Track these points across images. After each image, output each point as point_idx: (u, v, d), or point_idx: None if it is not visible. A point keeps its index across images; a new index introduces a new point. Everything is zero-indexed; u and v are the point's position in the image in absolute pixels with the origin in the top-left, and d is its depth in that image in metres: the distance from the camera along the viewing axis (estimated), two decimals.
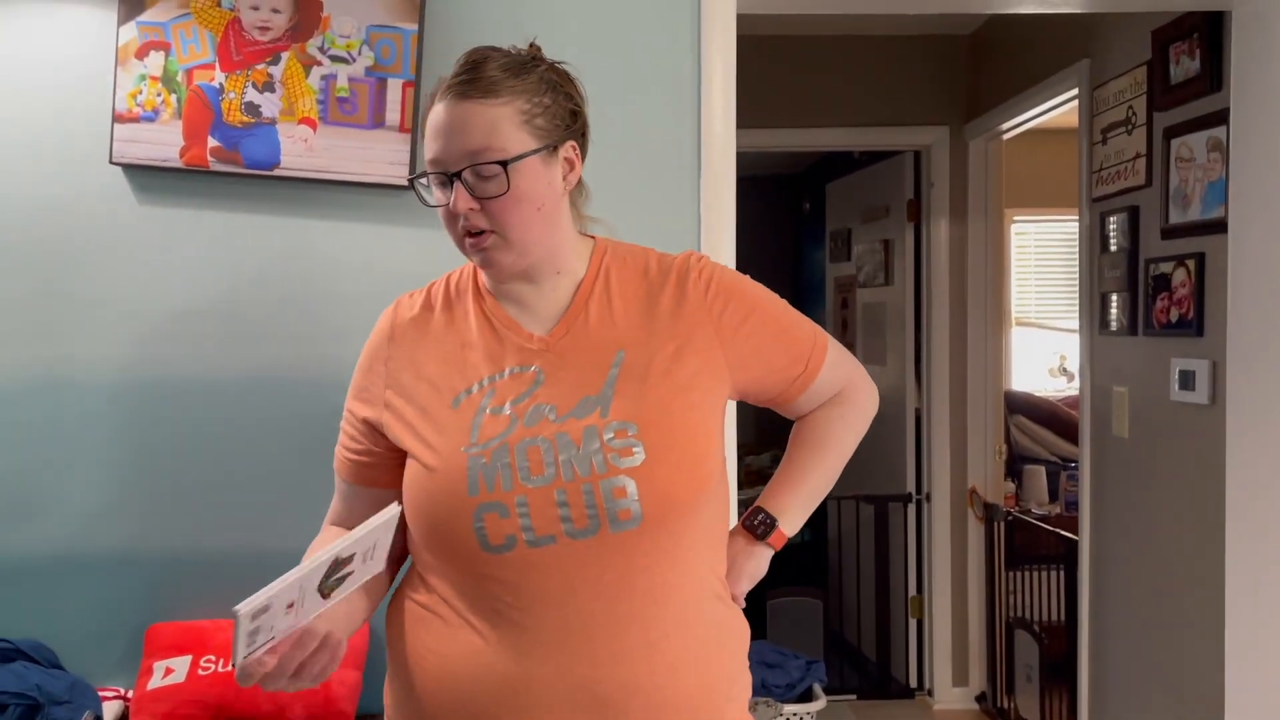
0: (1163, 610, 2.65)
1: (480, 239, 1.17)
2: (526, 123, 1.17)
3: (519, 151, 1.16)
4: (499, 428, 1.16)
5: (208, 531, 1.91)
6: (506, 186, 1.15)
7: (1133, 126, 2.74)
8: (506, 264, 1.19)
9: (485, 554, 1.13)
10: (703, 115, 1.98)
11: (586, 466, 1.14)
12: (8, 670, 1.78)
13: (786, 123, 3.94)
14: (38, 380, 1.90)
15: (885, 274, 4.32)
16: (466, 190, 1.15)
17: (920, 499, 4.10)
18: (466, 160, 1.15)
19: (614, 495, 1.12)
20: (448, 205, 1.17)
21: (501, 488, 1.13)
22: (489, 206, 1.16)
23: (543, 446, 1.15)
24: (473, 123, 1.15)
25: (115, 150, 1.88)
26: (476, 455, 1.15)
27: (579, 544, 1.12)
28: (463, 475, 1.14)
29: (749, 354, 1.25)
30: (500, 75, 1.17)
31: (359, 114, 1.91)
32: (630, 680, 1.12)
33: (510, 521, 1.12)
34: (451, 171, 1.16)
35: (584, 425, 1.16)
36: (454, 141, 1.15)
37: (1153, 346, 2.66)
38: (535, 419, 1.17)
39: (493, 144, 1.15)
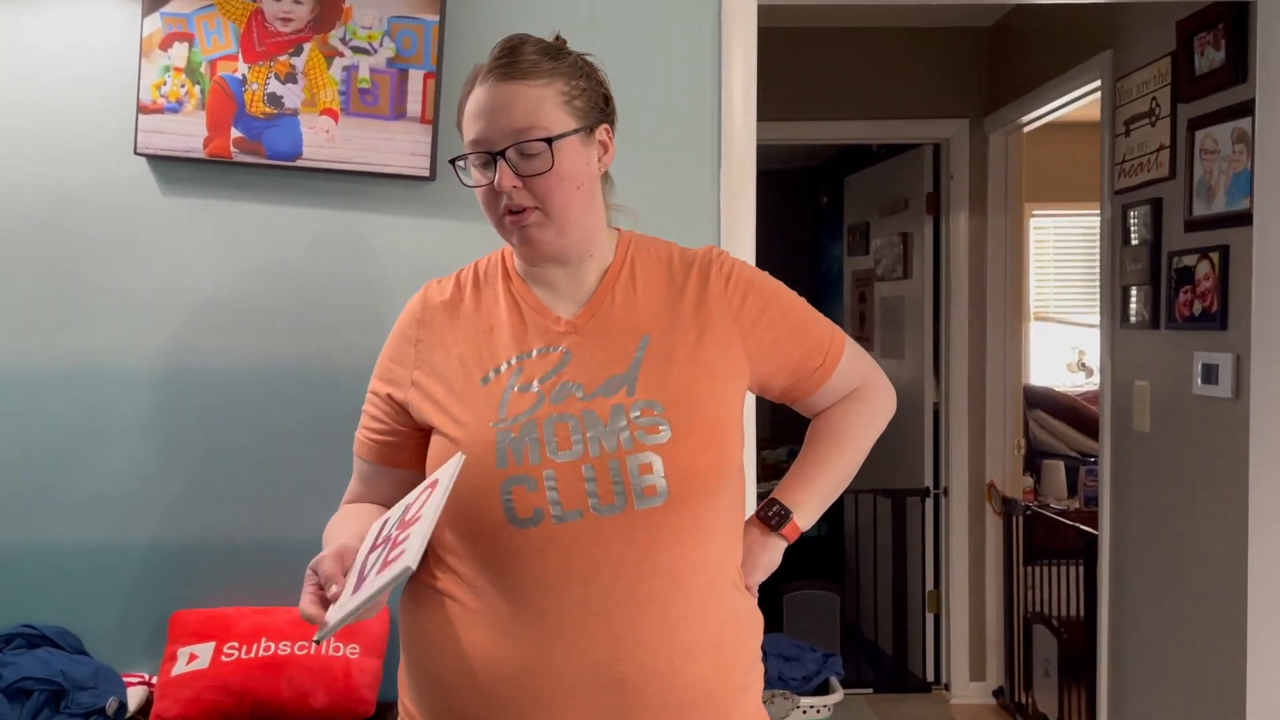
0: (1184, 606, 2.63)
1: (522, 216, 1.20)
2: (566, 103, 1.21)
3: (561, 130, 1.19)
4: (527, 404, 1.18)
5: (231, 519, 1.92)
6: (551, 164, 1.18)
7: (1156, 118, 2.72)
8: (546, 241, 1.22)
9: (511, 528, 1.14)
10: (723, 108, 1.98)
11: (614, 442, 1.15)
12: (33, 656, 1.80)
13: (805, 115, 3.93)
14: (63, 369, 1.91)
15: (904, 267, 4.30)
16: (510, 168, 1.18)
17: (938, 493, 4.09)
18: (511, 139, 1.18)
19: (640, 471, 1.14)
20: (490, 184, 1.19)
21: (530, 461, 1.14)
22: (532, 184, 1.19)
23: (570, 423, 1.16)
24: (516, 102, 1.18)
25: (140, 141, 1.90)
26: (505, 430, 1.16)
27: (604, 520, 1.13)
28: (491, 448, 1.15)
29: (768, 346, 1.28)
30: (539, 58, 1.21)
31: (380, 105, 1.92)
32: (649, 662, 1.13)
33: (538, 495, 1.13)
34: (495, 150, 1.18)
35: (611, 403, 1.18)
36: (498, 121, 1.18)
37: (1175, 340, 2.64)
38: (562, 396, 1.19)
39: (537, 122, 1.18)
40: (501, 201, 1.20)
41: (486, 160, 1.20)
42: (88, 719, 1.74)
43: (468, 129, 1.21)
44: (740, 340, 1.25)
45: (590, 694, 1.12)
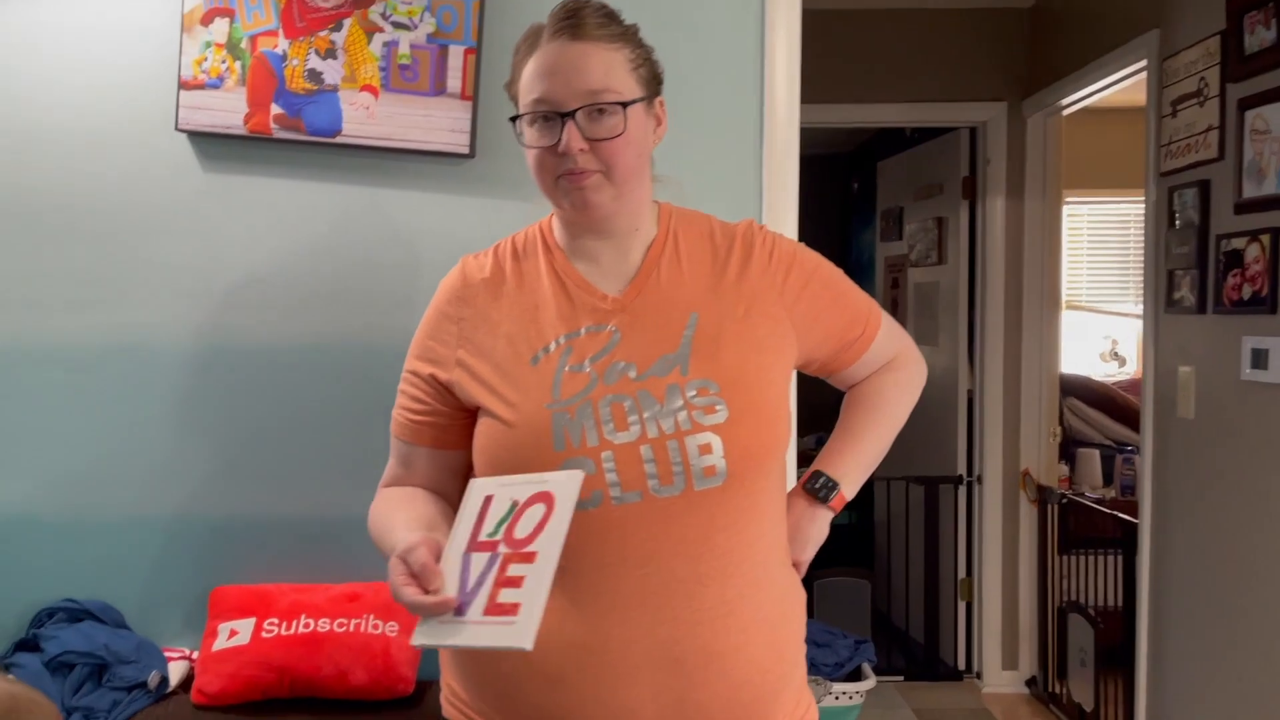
0: (1227, 597, 2.59)
1: (581, 177, 1.17)
2: (634, 70, 1.19)
3: (633, 96, 1.18)
4: (580, 384, 1.16)
5: (272, 496, 1.93)
6: (623, 128, 1.16)
7: (1204, 98, 2.67)
8: (603, 203, 1.19)
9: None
10: (766, 89, 1.96)
11: (671, 423, 1.14)
12: (76, 630, 1.81)
13: (841, 98, 3.89)
14: (104, 346, 1.92)
15: (938, 253, 4.25)
16: (579, 130, 1.15)
17: (971, 481, 4.05)
18: (583, 99, 1.15)
19: (700, 452, 1.13)
20: (553, 145, 1.16)
21: (588, 443, 1.12)
22: (599, 147, 1.16)
23: (626, 403, 1.14)
24: (590, 63, 1.15)
25: (181, 117, 1.89)
26: (560, 411, 1.14)
27: (663, 501, 1.12)
28: (547, 430, 1.13)
29: (810, 319, 1.27)
30: (607, 21, 1.18)
31: (420, 81, 1.90)
32: (708, 642, 1.12)
33: (597, 477, 1.12)
34: (565, 110, 1.15)
35: (666, 383, 1.16)
36: (571, 80, 1.15)
37: (1223, 325, 2.59)
38: (615, 376, 1.17)
39: (611, 85, 1.16)
40: (563, 164, 1.16)
41: (550, 121, 1.16)
42: (130, 692, 1.75)
43: (530, 87, 1.17)
44: (786, 314, 1.24)
45: (649, 674, 1.11)
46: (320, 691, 1.76)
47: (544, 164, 1.18)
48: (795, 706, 1.22)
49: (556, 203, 1.22)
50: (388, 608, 1.83)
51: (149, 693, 1.76)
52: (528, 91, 1.18)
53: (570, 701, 1.12)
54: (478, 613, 0.98)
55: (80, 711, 1.71)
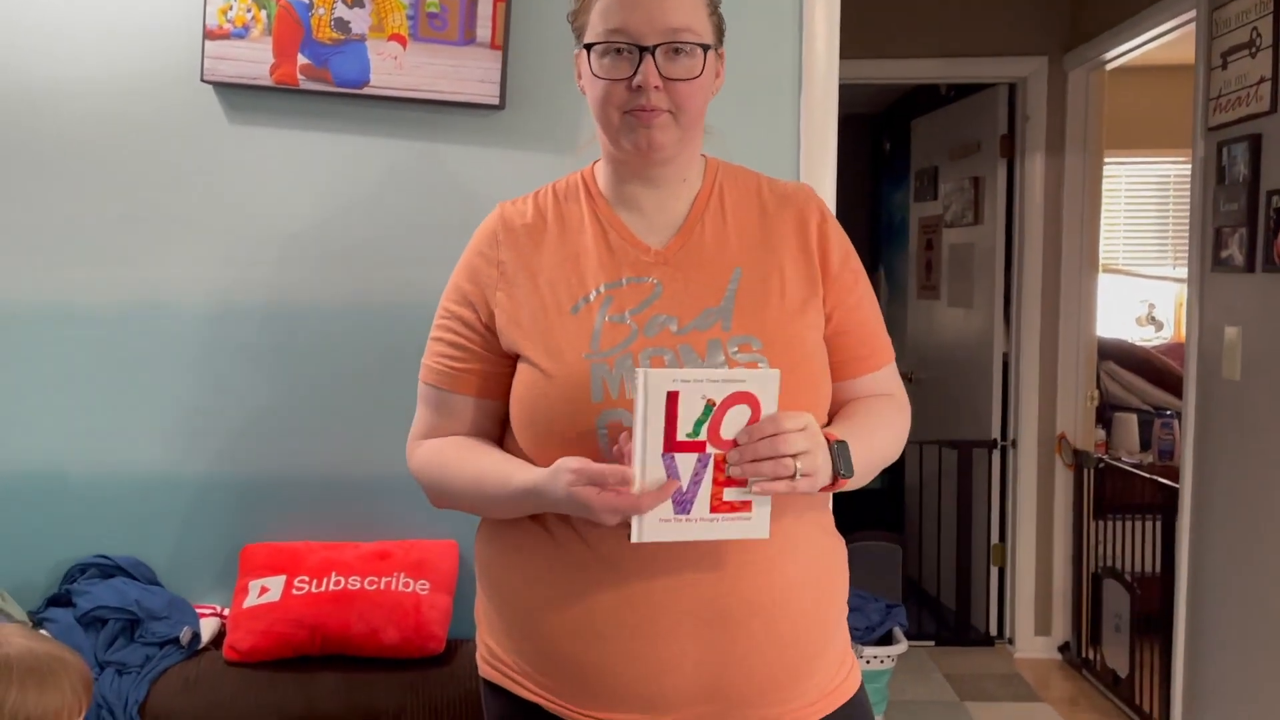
0: (1271, 565, 2.53)
1: (652, 115, 1.14)
2: (710, 15, 1.18)
3: (709, 39, 1.17)
4: (620, 336, 1.14)
5: (300, 453, 1.91)
6: (700, 70, 1.15)
7: (1257, 49, 2.57)
8: (668, 144, 1.17)
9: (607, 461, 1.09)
10: (805, 44, 1.90)
11: None
12: (108, 586, 1.81)
13: (876, 54, 3.79)
14: (131, 301, 1.90)
15: (975, 213, 4.17)
16: (656, 66, 1.13)
17: (1005, 445, 3.99)
18: (665, 36, 1.13)
19: None
20: (628, 78, 1.13)
21: (626, 395, 1.10)
22: (674, 87, 1.14)
23: (666, 357, 1.12)
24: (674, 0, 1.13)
25: (206, 68, 1.86)
26: (599, 362, 1.12)
27: None
28: (585, 381, 1.11)
29: (833, 310, 1.22)
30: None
31: (449, 30, 1.86)
32: (752, 596, 1.11)
33: None
34: (644, 45, 1.13)
35: (707, 338, 1.14)
36: (654, 15, 1.12)
37: (1272, 284, 2.51)
38: (656, 329, 1.14)
39: (694, 25, 1.15)
40: (634, 100, 1.13)
41: (625, 54, 1.13)
42: (162, 648, 1.75)
43: (607, 16, 1.14)
44: (825, 295, 1.21)
45: (691, 628, 1.09)
46: (351, 649, 1.75)
47: (612, 97, 1.15)
48: (840, 666, 1.20)
49: (615, 140, 1.18)
50: (418, 566, 1.82)
51: (181, 648, 1.76)
52: (604, 20, 1.14)
53: (610, 658, 1.11)
54: (703, 511, 1.02)
55: (113, 666, 1.71)
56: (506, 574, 1.19)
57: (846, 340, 1.23)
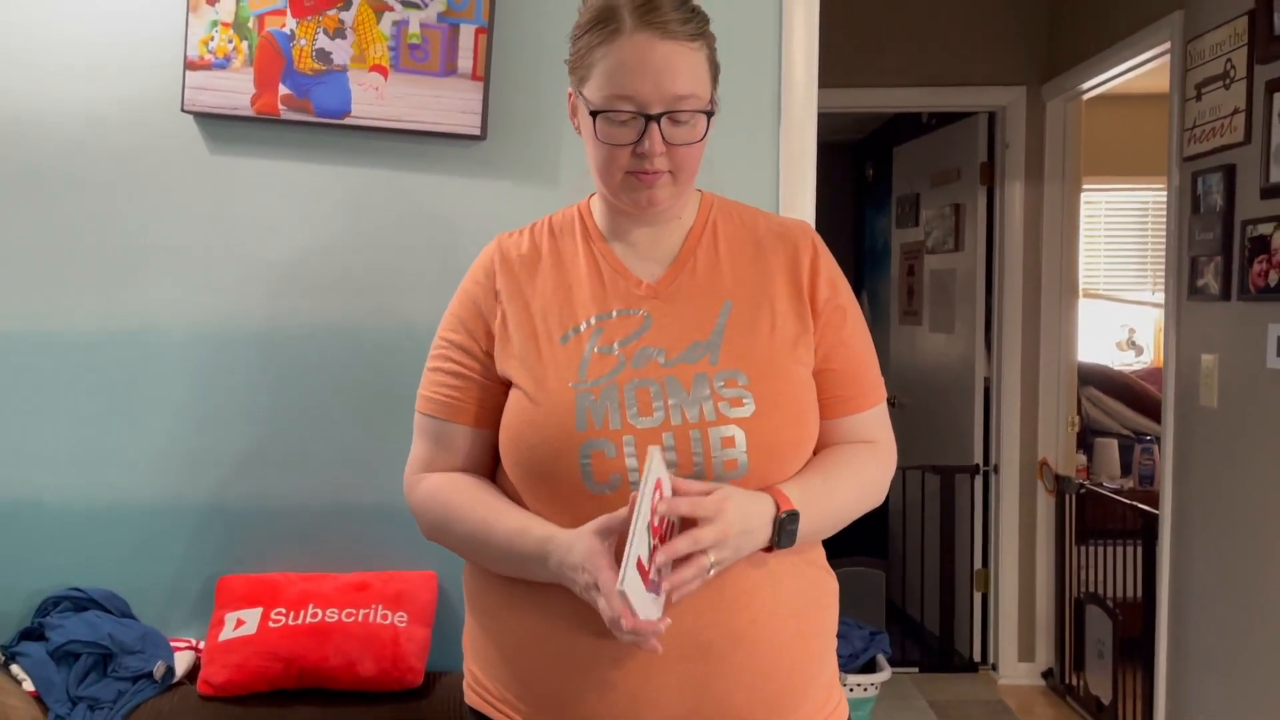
0: (1249, 590, 2.54)
1: (654, 178, 1.16)
2: (709, 69, 1.19)
3: (709, 98, 1.17)
4: (607, 366, 1.15)
5: (279, 483, 1.90)
6: (703, 134, 1.16)
7: (1231, 81, 2.61)
8: (667, 203, 1.19)
9: (588, 491, 1.10)
10: (784, 74, 1.92)
11: (696, 412, 1.12)
12: (81, 619, 1.79)
13: (857, 83, 3.83)
14: (111, 329, 1.89)
15: (955, 239, 4.20)
16: (660, 134, 1.13)
17: (988, 470, 4.01)
18: (669, 104, 1.13)
19: (722, 445, 1.11)
20: (634, 146, 1.14)
21: (610, 425, 1.11)
22: (675, 150, 1.15)
23: (652, 389, 1.13)
24: (679, 65, 1.13)
25: (187, 98, 1.86)
26: (585, 391, 1.13)
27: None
28: (570, 410, 1.12)
29: (824, 348, 1.22)
30: (691, 16, 1.15)
31: (430, 61, 1.87)
32: (733, 628, 1.10)
33: (617, 460, 1.10)
34: (652, 113, 1.13)
35: (694, 371, 1.14)
36: (659, 82, 1.12)
37: (1248, 312, 2.54)
38: (643, 361, 1.15)
39: (697, 90, 1.15)
40: (637, 163, 1.14)
41: (629, 119, 1.13)
42: (135, 683, 1.73)
43: (612, 81, 1.13)
44: (815, 332, 1.21)
45: (674, 660, 1.09)
46: (328, 682, 1.73)
47: (615, 160, 1.16)
48: (826, 700, 1.20)
49: (615, 195, 1.20)
50: (397, 597, 1.80)
51: (154, 683, 1.74)
52: (608, 85, 1.13)
53: (590, 688, 1.10)
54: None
55: (85, 702, 1.68)
56: (492, 601, 1.19)
57: (833, 379, 1.22)
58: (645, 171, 1.15)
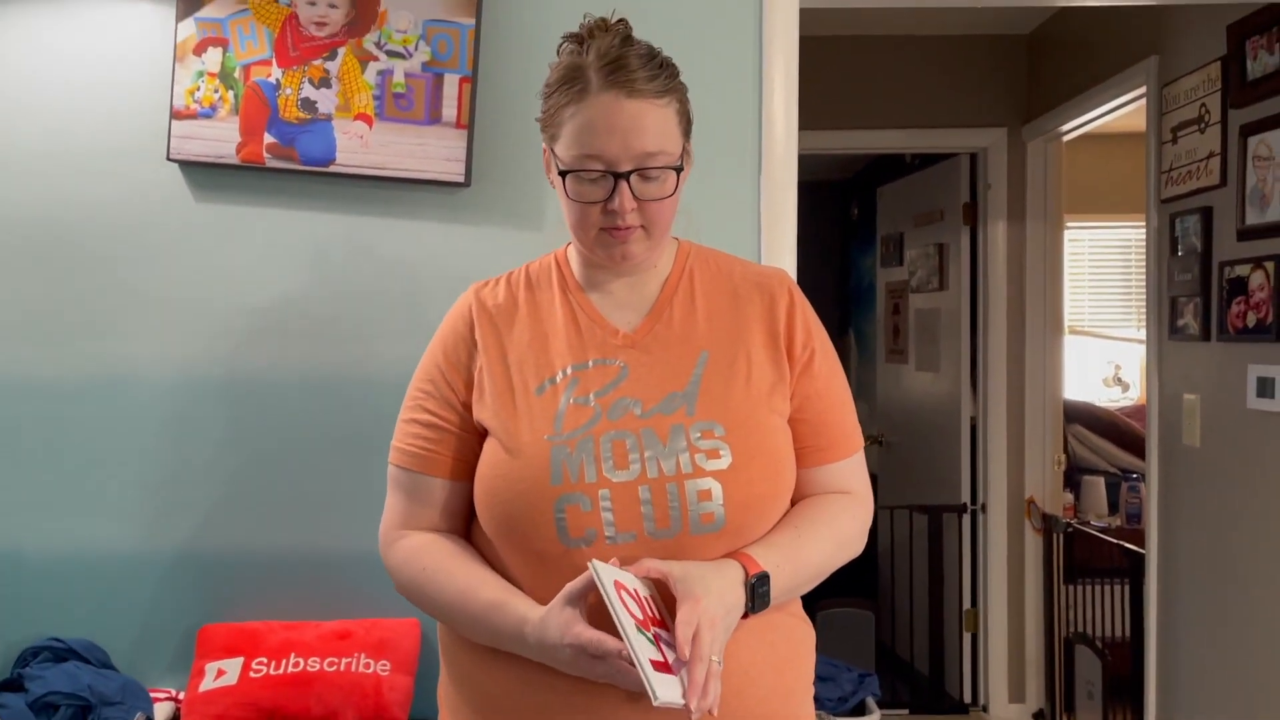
0: (1237, 627, 2.54)
1: (626, 233, 1.16)
2: (680, 122, 1.18)
3: (679, 151, 1.17)
4: (583, 418, 1.14)
5: (261, 532, 1.89)
6: (674, 189, 1.16)
7: (1206, 124, 2.65)
8: (641, 256, 1.20)
9: (563, 547, 1.09)
10: (764, 116, 1.94)
11: (672, 465, 1.11)
12: (60, 670, 1.77)
13: (840, 125, 3.88)
14: (94, 377, 1.89)
15: (939, 279, 4.23)
16: (630, 191, 1.14)
17: (975, 509, 4.01)
18: (637, 162, 1.13)
19: (699, 498, 1.10)
20: (605, 203, 1.14)
21: (585, 478, 1.10)
22: (646, 206, 1.15)
23: (628, 441, 1.12)
24: (645, 123, 1.13)
25: (172, 147, 1.87)
26: (560, 444, 1.12)
27: (657, 544, 1.09)
28: (545, 463, 1.11)
29: (801, 398, 1.22)
30: (658, 72, 1.15)
31: (415, 110, 1.88)
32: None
33: (592, 515, 1.09)
34: (619, 171, 1.13)
35: (670, 422, 1.14)
36: (629, 142, 1.13)
37: (1228, 352, 2.56)
38: (619, 412, 1.15)
39: (665, 147, 1.15)
40: (609, 220, 1.15)
41: (599, 177, 1.14)
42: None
43: (581, 141, 1.14)
44: (792, 381, 1.21)
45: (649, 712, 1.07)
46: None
47: (588, 217, 1.16)
48: None
49: (589, 250, 1.20)
50: (379, 646, 1.79)
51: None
52: (577, 145, 1.14)
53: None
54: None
55: None
56: (466, 654, 1.18)
57: (809, 428, 1.22)
58: (617, 228, 1.15)
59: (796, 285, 1.29)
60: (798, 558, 1.15)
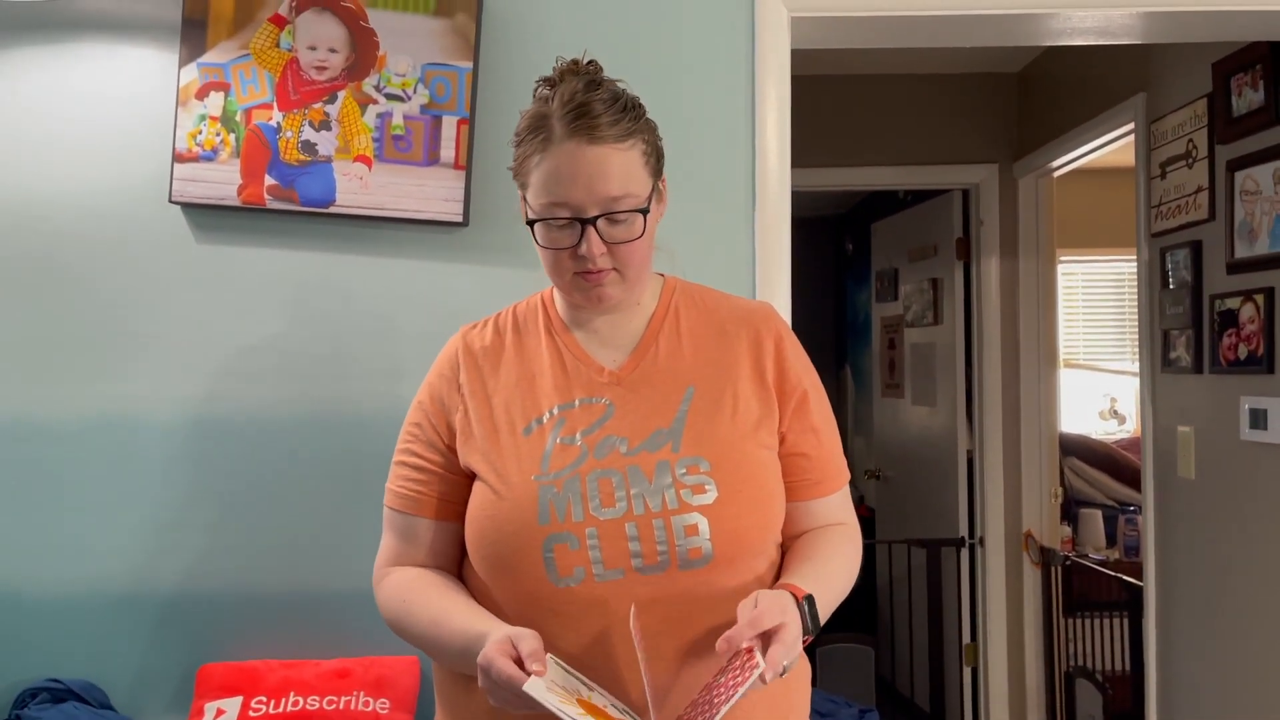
0: (1236, 659, 2.54)
1: (600, 276, 1.17)
2: (647, 163, 1.19)
3: (648, 193, 1.17)
4: (570, 458, 1.15)
5: (260, 571, 1.89)
6: (642, 231, 1.17)
7: (1193, 160, 2.69)
8: (618, 297, 1.21)
9: (552, 586, 1.10)
10: (757, 154, 1.97)
11: (658, 501, 1.12)
12: (59, 711, 1.76)
13: (833, 162, 3.93)
14: (94, 418, 1.90)
15: (934, 313, 4.26)
16: (599, 235, 1.15)
17: (973, 543, 4.00)
18: (603, 207, 1.15)
19: (685, 533, 1.11)
20: (575, 248, 1.15)
21: (572, 518, 1.11)
22: (616, 249, 1.16)
23: (614, 479, 1.13)
24: (608, 168, 1.14)
25: (175, 189, 1.90)
26: (548, 484, 1.13)
27: (645, 579, 1.10)
28: (533, 504, 1.12)
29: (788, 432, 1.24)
30: (621, 116, 1.16)
31: (414, 151, 1.92)
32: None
33: (580, 554, 1.10)
34: (585, 217, 1.14)
35: (656, 459, 1.15)
36: (591, 187, 1.14)
37: (1220, 385, 2.58)
38: (606, 450, 1.16)
39: (630, 190, 1.16)
40: (581, 264, 1.16)
41: (566, 224, 1.15)
42: None
43: (547, 190, 1.15)
44: (777, 411, 1.23)
45: None
46: None
47: (561, 264, 1.18)
48: None
49: (568, 294, 1.22)
50: (378, 684, 1.79)
51: None
52: (544, 193, 1.16)
53: None
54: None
55: None
56: (460, 693, 1.19)
57: (800, 463, 1.24)
58: (589, 271, 1.16)
59: (782, 319, 1.30)
60: (823, 588, 1.16)
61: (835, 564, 1.21)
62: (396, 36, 1.90)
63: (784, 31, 1.95)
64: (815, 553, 1.21)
